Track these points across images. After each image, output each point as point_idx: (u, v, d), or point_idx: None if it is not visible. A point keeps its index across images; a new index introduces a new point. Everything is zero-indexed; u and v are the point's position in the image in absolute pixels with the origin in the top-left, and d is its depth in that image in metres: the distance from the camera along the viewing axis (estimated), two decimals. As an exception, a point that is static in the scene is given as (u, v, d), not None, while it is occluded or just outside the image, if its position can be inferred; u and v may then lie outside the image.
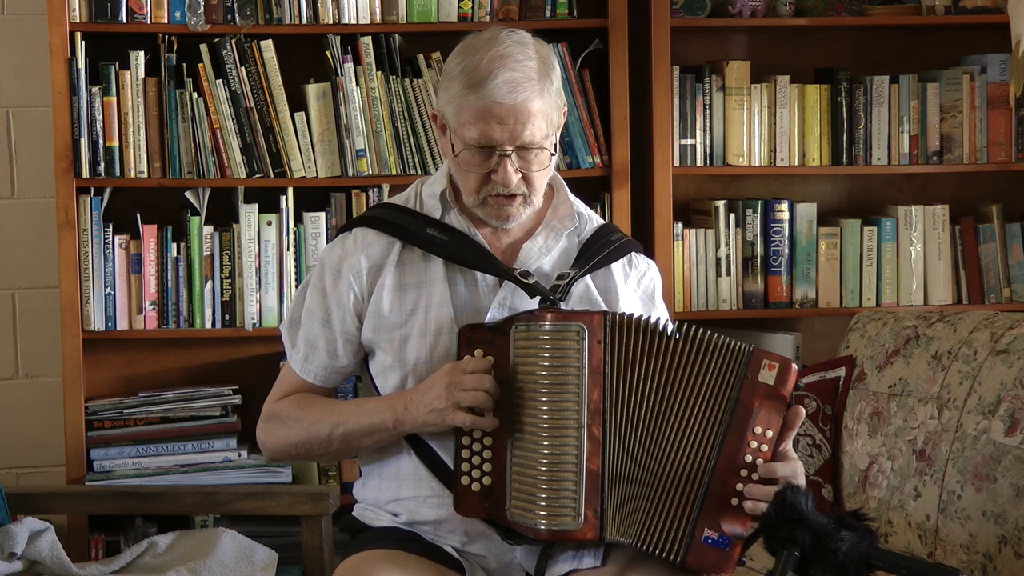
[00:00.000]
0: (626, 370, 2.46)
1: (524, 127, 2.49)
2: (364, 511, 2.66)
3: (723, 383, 2.44)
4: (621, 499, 2.45)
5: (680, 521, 2.43)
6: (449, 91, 2.53)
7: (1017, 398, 3.00)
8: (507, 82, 2.47)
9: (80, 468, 3.81)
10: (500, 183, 2.52)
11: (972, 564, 2.97)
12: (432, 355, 2.55)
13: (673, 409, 2.46)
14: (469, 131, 2.50)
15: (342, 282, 2.60)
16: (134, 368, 4.01)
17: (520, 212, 2.58)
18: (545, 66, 2.53)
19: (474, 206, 2.58)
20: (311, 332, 2.63)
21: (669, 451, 2.46)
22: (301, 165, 3.86)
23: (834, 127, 4.06)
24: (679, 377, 2.46)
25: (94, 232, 3.80)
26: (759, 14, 4.01)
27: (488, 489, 2.47)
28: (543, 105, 2.51)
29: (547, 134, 2.53)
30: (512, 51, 2.50)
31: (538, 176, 2.55)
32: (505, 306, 2.56)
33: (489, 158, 2.51)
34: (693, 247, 4.04)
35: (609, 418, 2.45)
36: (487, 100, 2.47)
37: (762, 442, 2.43)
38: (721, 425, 2.43)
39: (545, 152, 2.53)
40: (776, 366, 2.43)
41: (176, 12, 3.81)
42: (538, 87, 2.50)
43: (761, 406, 2.43)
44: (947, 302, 4.09)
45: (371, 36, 3.86)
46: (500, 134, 2.49)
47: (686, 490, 2.44)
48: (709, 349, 2.45)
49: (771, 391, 2.43)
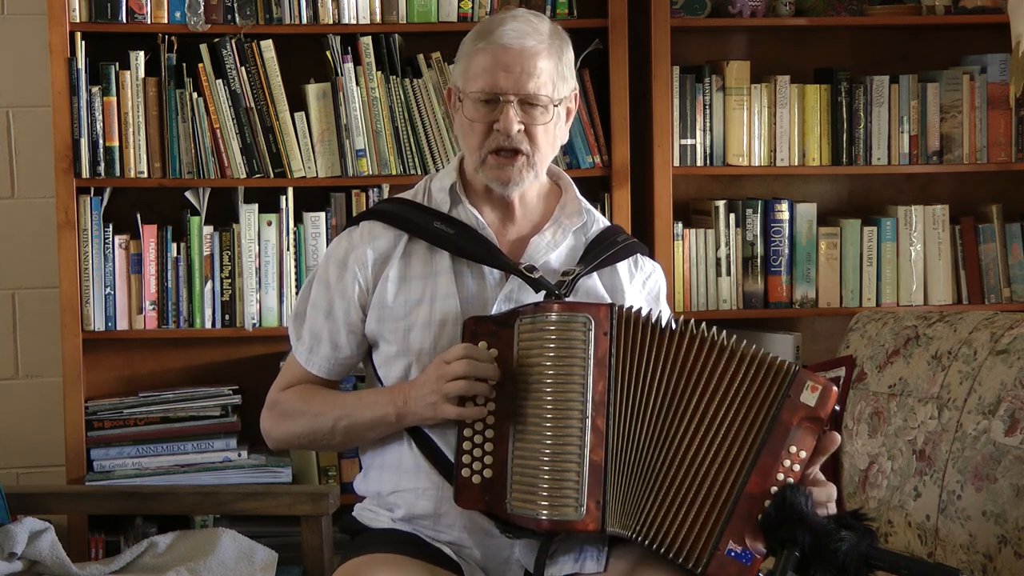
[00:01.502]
0: (632, 363, 2.46)
1: (530, 77, 2.54)
2: (364, 511, 2.67)
3: (764, 398, 2.43)
4: (624, 491, 2.45)
5: (705, 529, 2.42)
6: (461, 53, 2.61)
7: (1017, 398, 3.00)
8: (515, 29, 2.55)
9: (80, 468, 3.81)
10: (502, 131, 2.55)
11: (972, 564, 2.97)
12: (436, 346, 2.56)
13: (687, 407, 2.45)
14: (476, 82, 2.56)
15: (347, 274, 2.62)
16: (134, 368, 4.01)
17: (523, 175, 2.59)
18: (558, 35, 2.62)
19: (476, 168, 2.60)
20: (315, 324, 2.65)
21: (682, 450, 2.45)
22: (301, 165, 3.86)
23: (834, 127, 4.06)
24: (699, 377, 2.45)
25: (94, 232, 3.80)
26: (759, 14, 4.01)
27: (489, 482, 2.47)
28: (550, 65, 2.56)
29: (553, 97, 2.56)
30: (525, 15, 2.60)
31: (541, 133, 2.57)
32: (511, 299, 2.58)
33: (493, 109, 2.55)
34: (693, 247, 4.04)
35: (613, 410, 2.45)
36: (495, 45, 2.54)
37: (795, 462, 2.42)
38: (758, 440, 2.42)
39: (550, 110, 2.56)
40: (819, 388, 2.41)
41: (176, 12, 3.81)
42: (547, 43, 2.57)
43: (799, 426, 2.41)
44: (947, 302, 4.09)
45: (371, 36, 3.86)
46: (505, 81, 2.53)
47: (712, 498, 2.42)
48: (753, 362, 2.44)
49: (811, 412, 2.41)
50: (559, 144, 2.64)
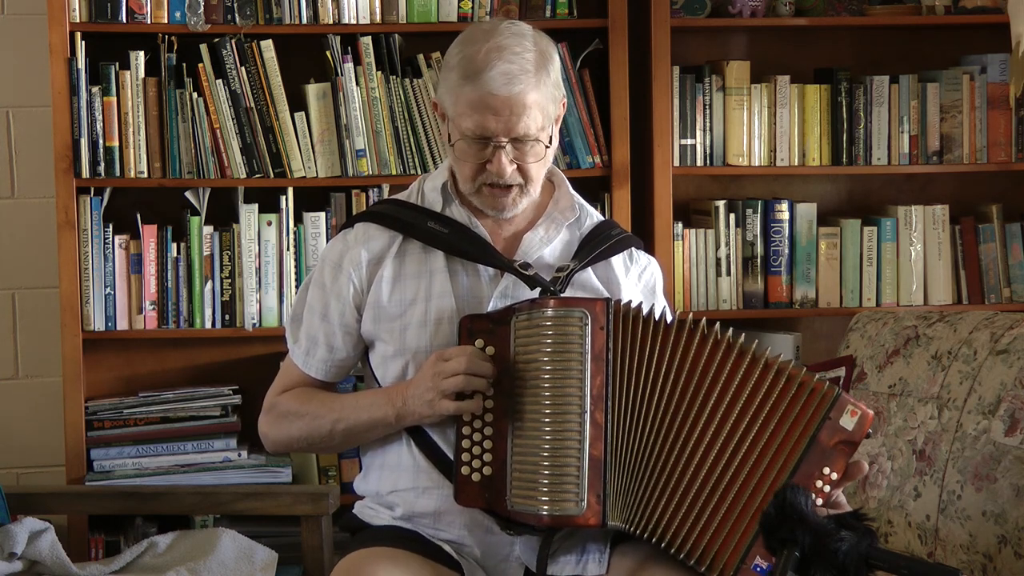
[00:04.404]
0: (630, 357, 2.46)
1: (519, 119, 2.51)
2: (364, 508, 2.67)
3: (803, 417, 2.41)
4: (625, 485, 2.45)
5: (732, 541, 2.41)
6: (447, 81, 2.56)
7: (1017, 398, 3.00)
8: (503, 74, 2.49)
9: (80, 468, 3.81)
10: (495, 173, 2.54)
11: (972, 564, 2.97)
12: (432, 344, 2.56)
13: (691, 403, 2.44)
14: (465, 122, 2.52)
15: (342, 275, 2.62)
16: (134, 368, 4.01)
17: (517, 203, 2.59)
18: (543, 58, 2.54)
19: (470, 194, 2.60)
20: (312, 327, 2.65)
21: (689, 446, 2.44)
22: (301, 165, 3.86)
23: (834, 127, 4.06)
24: (703, 373, 2.44)
25: (94, 232, 3.80)
26: (759, 14, 4.01)
27: (488, 479, 2.48)
28: (539, 97, 2.52)
29: (543, 126, 2.54)
30: (509, 43, 2.52)
31: (534, 168, 2.56)
32: (506, 296, 2.58)
33: (484, 148, 2.53)
34: (693, 247, 4.04)
35: (612, 404, 2.45)
36: (482, 91, 2.49)
37: (826, 483, 2.40)
38: (794, 458, 2.40)
39: (541, 144, 2.55)
40: (858, 413, 2.41)
41: (176, 12, 3.81)
42: (534, 79, 2.51)
43: (835, 448, 2.40)
44: (947, 302, 4.09)
45: (371, 36, 3.86)
46: (495, 125, 2.51)
47: (741, 510, 2.41)
48: (782, 374, 2.42)
49: (848, 437, 2.40)
50: (551, 157, 2.62)
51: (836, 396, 2.41)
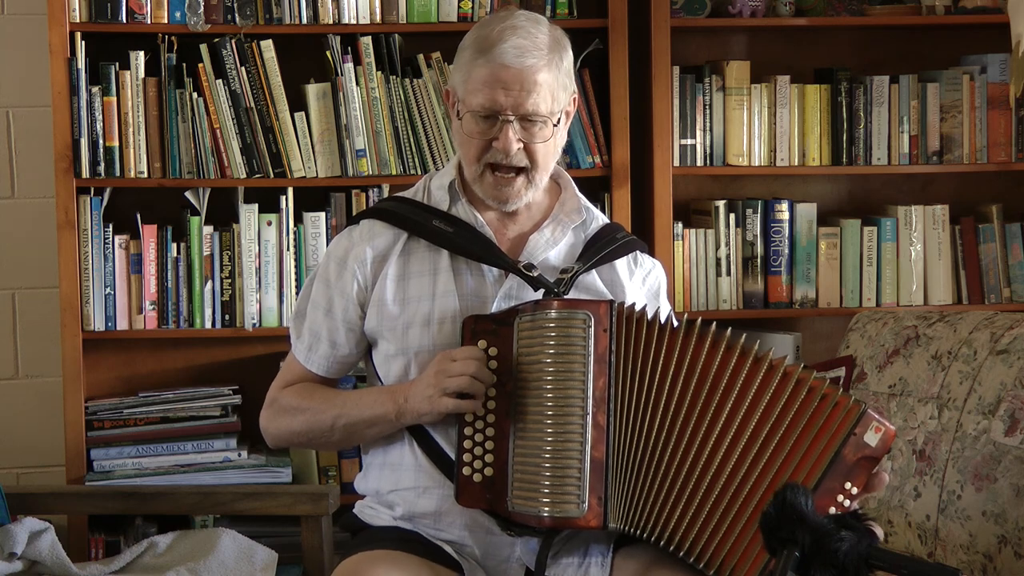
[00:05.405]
0: (633, 360, 2.46)
1: (529, 95, 2.52)
2: (364, 508, 2.67)
3: (828, 431, 2.41)
4: (628, 488, 2.45)
5: (751, 552, 2.40)
6: (460, 60, 2.58)
7: (1017, 398, 3.00)
8: (515, 47, 2.51)
9: (80, 468, 3.81)
10: (501, 150, 2.54)
11: (972, 564, 2.97)
12: (435, 344, 2.56)
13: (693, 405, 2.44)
14: (476, 97, 2.53)
15: (346, 272, 2.63)
16: (134, 368, 4.01)
17: (522, 193, 2.59)
18: (557, 44, 2.57)
19: (474, 180, 2.59)
20: (315, 322, 2.66)
21: (695, 448, 2.44)
22: (301, 165, 3.86)
23: (834, 127, 4.06)
24: (703, 375, 2.44)
25: (94, 232, 3.80)
26: (759, 14, 4.01)
27: (489, 480, 2.48)
28: (550, 78, 2.54)
29: (552, 110, 2.55)
30: (524, 24, 2.56)
31: (540, 149, 2.57)
32: (510, 297, 2.58)
33: (492, 126, 2.54)
34: (693, 247, 4.04)
35: (614, 407, 2.45)
36: (494, 63, 2.51)
37: (848, 498, 2.40)
38: (817, 472, 2.40)
39: (548, 126, 2.55)
40: (882, 429, 2.41)
41: (176, 12, 3.81)
42: (547, 58, 2.53)
43: (857, 464, 2.41)
44: (947, 302, 4.09)
45: (371, 36, 3.86)
46: (504, 99, 2.52)
47: (750, 516, 2.41)
48: (816, 393, 2.42)
49: (871, 452, 2.40)
50: (560, 151, 2.64)
51: (862, 412, 2.40)
